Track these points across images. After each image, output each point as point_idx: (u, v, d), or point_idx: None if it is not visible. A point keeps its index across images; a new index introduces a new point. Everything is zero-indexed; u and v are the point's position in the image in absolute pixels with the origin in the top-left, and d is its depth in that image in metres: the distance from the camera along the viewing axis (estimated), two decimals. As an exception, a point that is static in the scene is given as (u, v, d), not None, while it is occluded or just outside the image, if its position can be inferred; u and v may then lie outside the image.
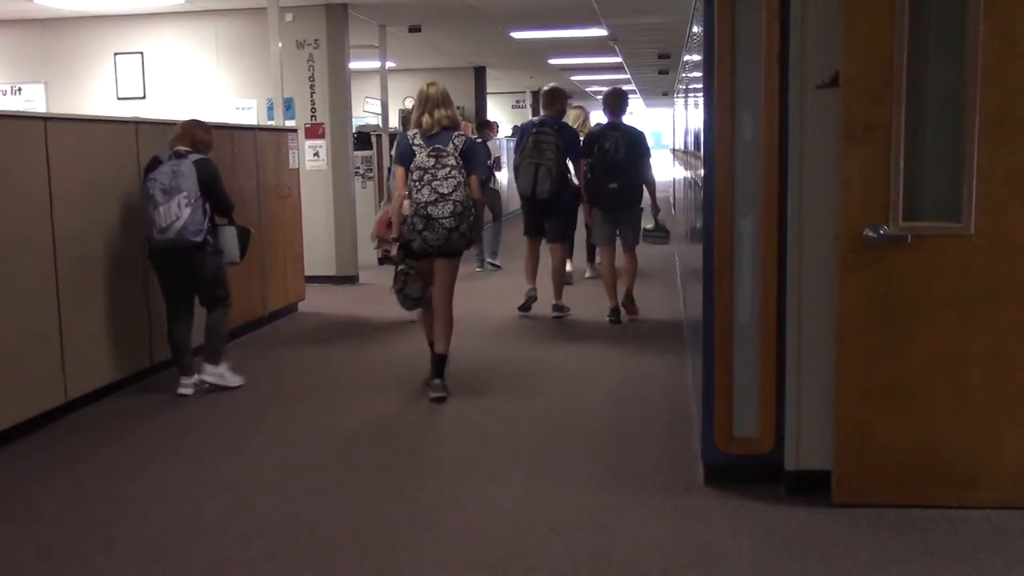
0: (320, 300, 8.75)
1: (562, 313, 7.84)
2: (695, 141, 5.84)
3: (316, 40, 9.67)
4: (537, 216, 7.84)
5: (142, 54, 10.19)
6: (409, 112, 5.67)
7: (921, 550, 3.32)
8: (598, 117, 11.35)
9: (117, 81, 10.25)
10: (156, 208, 5.26)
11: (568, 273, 9.72)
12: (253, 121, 9.73)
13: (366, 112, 16.15)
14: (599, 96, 25.39)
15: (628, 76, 19.80)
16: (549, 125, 7.50)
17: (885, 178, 3.51)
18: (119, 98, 10.20)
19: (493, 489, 4.00)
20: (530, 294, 8.03)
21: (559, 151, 7.38)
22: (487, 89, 18.42)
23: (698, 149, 4.95)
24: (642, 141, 7.45)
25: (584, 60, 16.51)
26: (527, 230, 8.03)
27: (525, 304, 8.02)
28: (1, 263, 4.66)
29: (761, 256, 3.77)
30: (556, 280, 7.88)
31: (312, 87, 9.69)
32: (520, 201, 8.12)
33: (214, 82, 10.09)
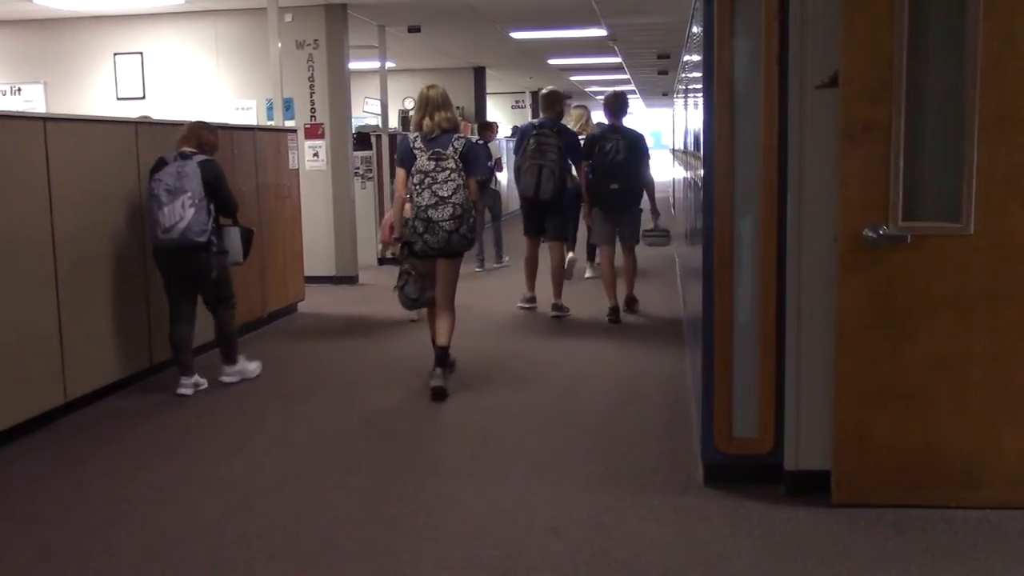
0: (320, 300, 8.75)
1: (561, 313, 7.86)
2: (695, 141, 5.84)
3: (316, 40, 9.67)
4: (538, 217, 7.88)
5: (142, 54, 10.19)
6: (408, 112, 5.75)
7: (921, 550, 3.33)
8: (598, 117, 11.39)
9: (117, 81, 10.25)
10: (160, 208, 5.30)
11: (571, 260, 9.76)
12: (253, 121, 9.73)
13: (366, 112, 16.14)
14: (598, 96, 25.54)
15: (627, 76, 19.80)
16: (549, 127, 7.58)
17: (884, 178, 3.51)
18: (119, 98, 10.20)
19: (493, 489, 4.00)
20: (530, 302, 8.16)
21: (560, 152, 7.47)
22: (487, 89, 18.43)
23: (698, 149, 4.95)
24: (642, 143, 7.58)
25: (583, 60, 16.51)
26: (527, 231, 8.06)
27: (525, 304, 8.16)
28: (1, 263, 4.66)
29: (761, 256, 3.77)
30: (556, 279, 7.91)
31: (312, 87, 9.69)
32: (520, 202, 8.16)
33: (214, 82, 10.09)
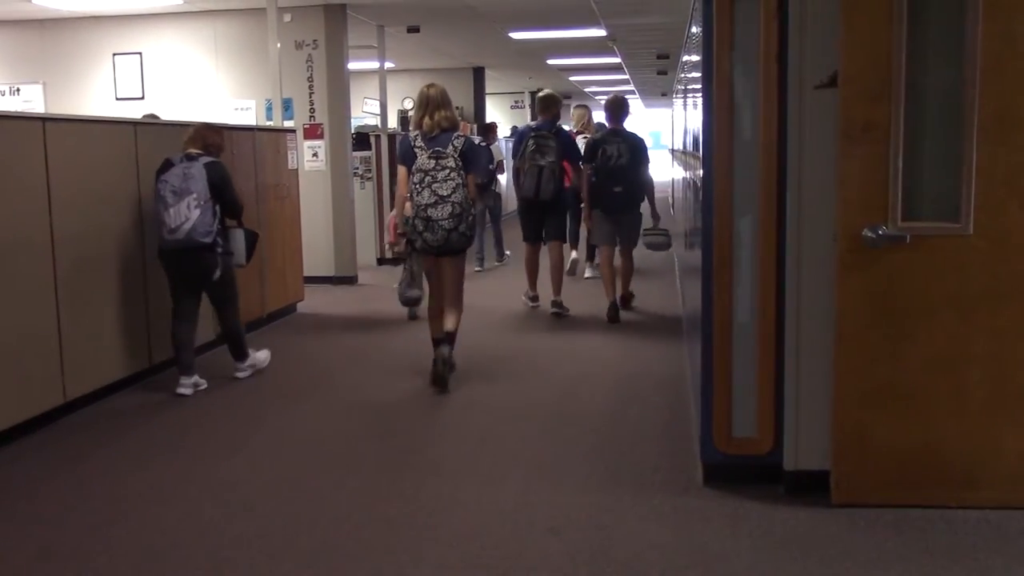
0: (319, 300, 8.75)
1: (561, 310, 7.89)
2: (694, 141, 5.84)
3: (315, 40, 9.67)
4: (537, 218, 7.95)
5: (141, 54, 10.19)
6: (408, 112, 5.80)
7: (920, 550, 3.33)
8: (598, 117, 11.41)
9: (116, 81, 10.25)
10: (167, 209, 5.36)
11: (573, 261, 9.84)
12: (252, 121, 9.73)
13: (365, 113, 16.14)
14: (597, 96, 25.54)
15: (627, 76, 19.81)
16: (546, 129, 7.71)
17: (884, 178, 3.51)
18: (118, 99, 10.20)
19: (492, 489, 4.00)
20: (533, 300, 8.27)
21: (559, 154, 7.62)
22: (486, 90, 18.43)
23: (697, 149, 4.95)
24: (643, 147, 7.76)
25: (583, 60, 16.52)
26: (526, 236, 8.12)
27: (529, 300, 8.30)
28: (0, 263, 4.66)
29: (760, 256, 3.77)
30: (555, 278, 7.97)
31: (311, 87, 9.69)
32: (518, 204, 8.23)
33: (213, 82, 10.09)
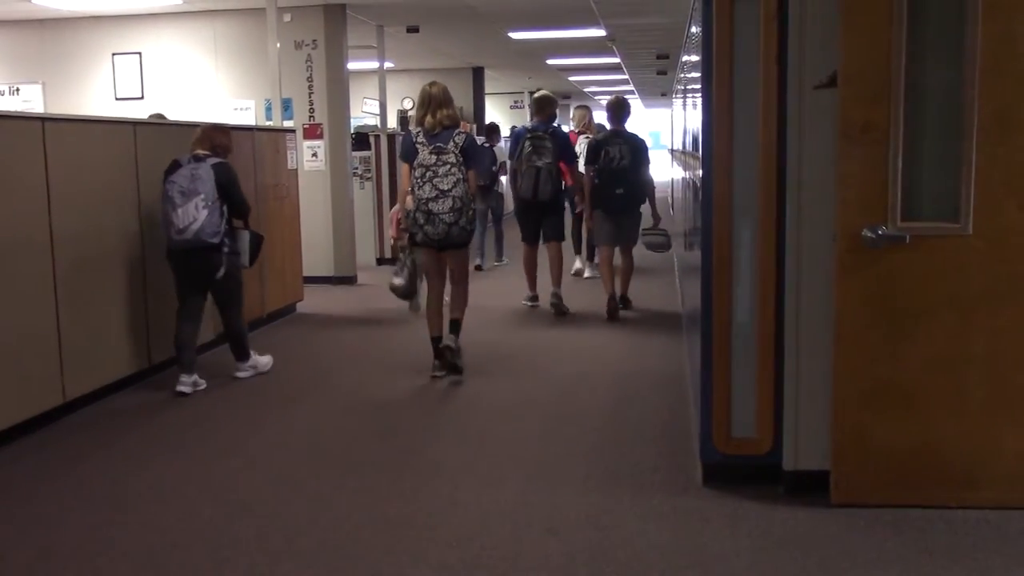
0: (318, 300, 8.75)
1: (560, 305, 7.93)
2: (694, 141, 5.84)
3: (314, 40, 9.67)
4: (535, 219, 7.99)
5: (140, 54, 10.19)
6: (407, 112, 5.84)
7: (920, 550, 3.33)
8: (599, 117, 11.44)
9: (115, 81, 10.25)
10: (175, 210, 5.40)
11: (578, 270, 9.90)
12: (251, 121, 9.73)
13: (364, 113, 16.14)
14: (597, 96, 25.53)
15: (626, 77, 19.81)
16: (542, 130, 7.79)
17: (883, 178, 3.51)
18: (117, 99, 10.20)
19: (492, 489, 4.00)
20: (533, 300, 8.29)
21: (555, 154, 7.70)
22: (485, 90, 18.42)
23: (697, 149, 4.95)
24: (644, 148, 7.85)
25: (582, 61, 16.52)
26: (524, 236, 8.17)
27: (528, 301, 8.32)
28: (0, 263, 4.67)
29: (759, 256, 3.77)
30: (554, 272, 8.03)
31: (310, 87, 9.69)
32: (515, 205, 8.25)
33: (212, 82, 10.09)
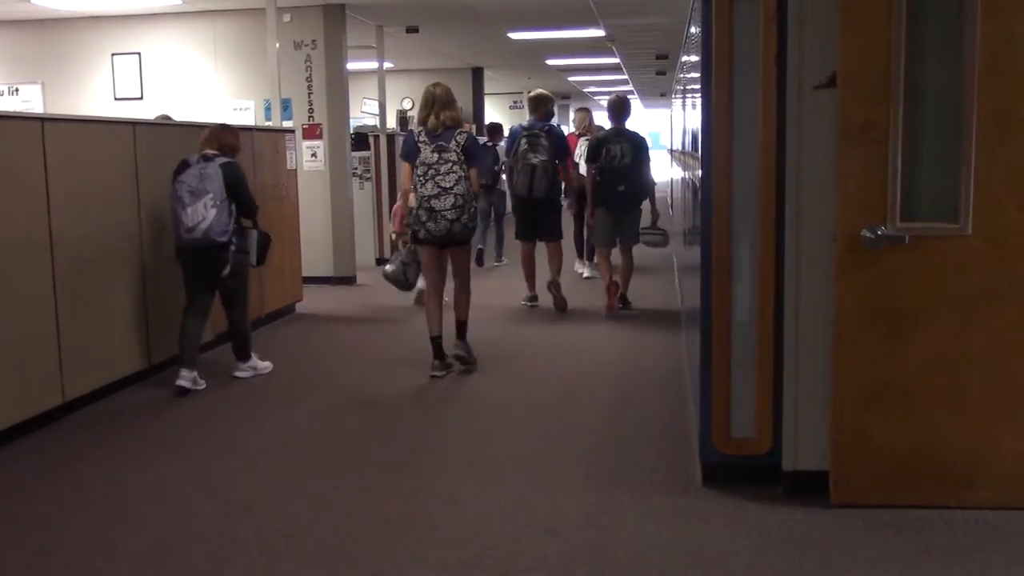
0: (317, 301, 8.75)
1: (559, 293, 8.03)
2: (693, 142, 5.85)
3: (314, 41, 9.67)
4: (532, 216, 8.05)
5: (140, 55, 10.18)
6: (407, 112, 5.88)
7: (919, 550, 3.33)
8: (599, 118, 11.46)
9: (114, 82, 10.25)
10: (184, 209, 5.46)
11: (580, 273, 9.94)
12: (250, 122, 9.73)
13: (364, 113, 16.14)
14: (596, 96, 25.53)
15: (626, 77, 19.82)
16: (538, 128, 7.86)
17: (883, 178, 3.52)
18: (116, 99, 10.19)
19: (491, 489, 4.00)
20: (532, 300, 8.32)
21: (550, 151, 7.77)
22: (484, 90, 18.42)
23: (696, 150, 4.95)
24: (645, 146, 7.92)
25: (582, 61, 16.52)
26: (520, 234, 8.24)
27: (527, 301, 8.34)
28: (-1, 264, 4.66)
29: (759, 257, 3.77)
30: (553, 263, 8.12)
31: (310, 88, 9.69)
32: (512, 203, 8.33)
33: (212, 83, 10.08)
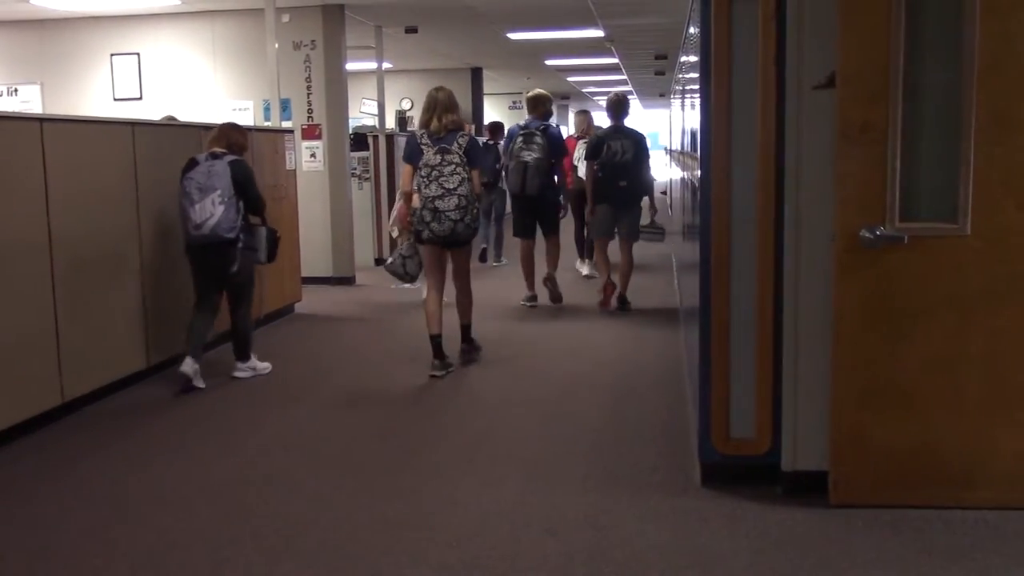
0: (316, 301, 8.75)
1: (555, 287, 8.15)
2: (692, 142, 5.85)
3: (313, 41, 9.68)
4: (528, 214, 8.17)
5: (139, 55, 10.18)
6: (406, 113, 5.93)
7: (918, 551, 3.33)
8: (599, 118, 11.49)
9: (114, 82, 10.24)
10: (192, 205, 5.52)
11: (588, 275, 9.99)
12: (250, 122, 9.71)
13: (363, 113, 16.14)
14: (595, 97, 25.53)
15: (625, 77, 19.82)
16: (535, 127, 7.99)
17: (882, 178, 3.52)
18: (115, 99, 10.19)
19: (491, 489, 4.00)
20: (531, 300, 8.35)
21: (545, 150, 7.88)
22: (484, 90, 18.42)
23: (695, 150, 4.95)
24: (644, 144, 8.02)
25: (581, 61, 16.51)
26: (518, 232, 8.33)
27: (527, 301, 8.36)
28: (-3, 264, 4.66)
29: (758, 257, 3.77)
30: (550, 259, 8.26)
31: (309, 88, 9.69)
32: (511, 202, 8.45)
33: (211, 83, 10.08)
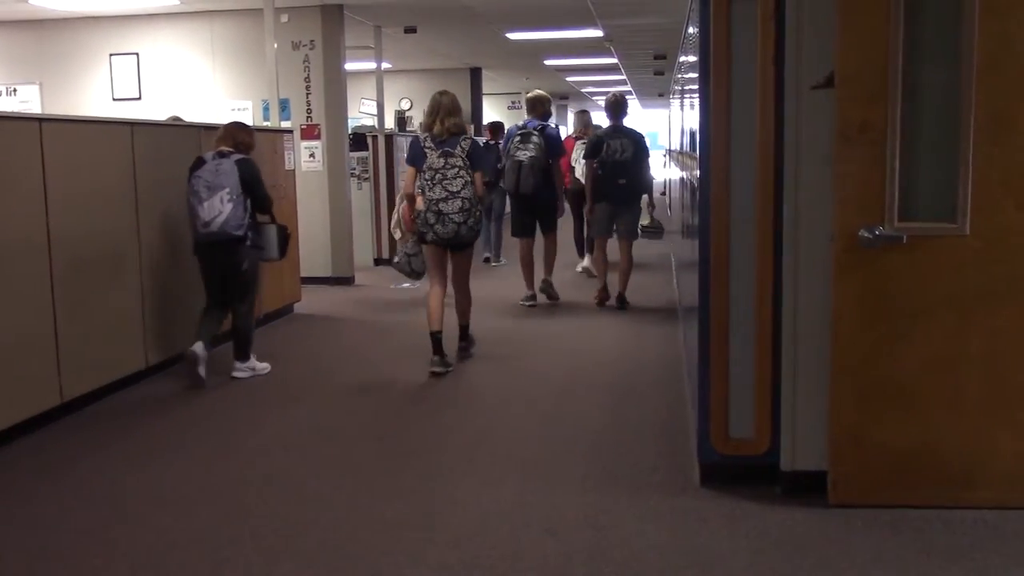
0: (316, 301, 8.75)
1: (550, 289, 8.23)
2: (691, 142, 5.85)
3: (312, 41, 9.68)
4: (525, 213, 8.25)
5: (138, 55, 10.18)
6: (405, 113, 5.97)
7: (917, 551, 3.33)
8: (598, 118, 11.52)
9: (113, 82, 10.24)
10: (201, 203, 5.60)
11: (586, 268, 10.04)
12: (249, 122, 9.70)
13: (362, 113, 16.14)
14: (594, 97, 25.54)
15: (624, 77, 19.81)
16: (533, 127, 8.09)
17: (880, 179, 3.52)
18: (115, 99, 10.19)
19: (490, 490, 4.00)
20: (530, 300, 8.37)
21: (542, 150, 7.96)
22: (483, 90, 18.42)
23: (694, 150, 4.95)
24: (643, 143, 8.11)
25: (580, 61, 16.51)
26: (516, 231, 8.39)
27: (526, 301, 8.38)
28: (-4, 264, 4.66)
29: (757, 257, 3.77)
30: (547, 262, 8.38)
31: (308, 88, 9.69)
32: (509, 201, 8.56)
33: (210, 83, 10.08)
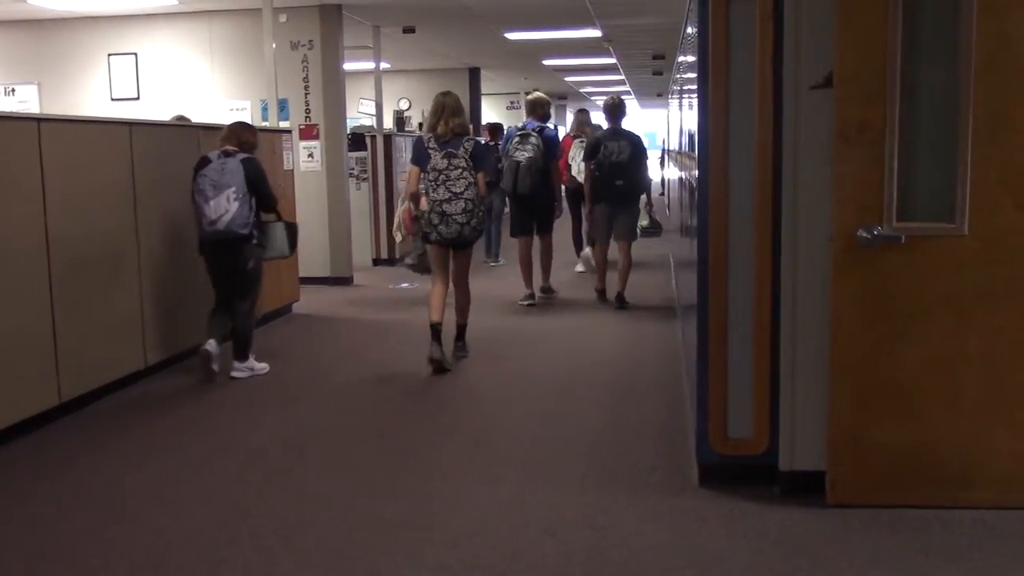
0: (314, 301, 8.74)
1: (551, 293, 8.32)
2: (690, 142, 5.85)
3: (310, 41, 9.68)
4: (524, 213, 8.33)
5: (136, 55, 10.17)
6: (404, 113, 5.99)
7: (916, 550, 3.33)
8: (597, 119, 11.54)
9: (111, 82, 10.24)
10: (207, 202, 5.64)
11: (585, 257, 10.11)
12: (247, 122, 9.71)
13: (360, 113, 16.13)
14: (593, 97, 25.56)
15: (622, 77, 19.82)
16: (532, 128, 8.18)
17: (879, 179, 3.52)
18: (113, 99, 10.18)
19: (489, 490, 4.00)
20: (530, 299, 8.39)
21: (540, 150, 8.04)
22: (481, 90, 18.42)
23: (693, 150, 4.95)
24: (641, 145, 8.17)
25: (578, 61, 16.51)
26: (515, 232, 8.46)
27: (525, 300, 8.41)
28: (-5, 264, 4.65)
29: (755, 257, 3.77)
30: (544, 265, 8.48)
31: (306, 88, 9.69)
32: (508, 201, 8.67)
33: (208, 83, 10.07)
